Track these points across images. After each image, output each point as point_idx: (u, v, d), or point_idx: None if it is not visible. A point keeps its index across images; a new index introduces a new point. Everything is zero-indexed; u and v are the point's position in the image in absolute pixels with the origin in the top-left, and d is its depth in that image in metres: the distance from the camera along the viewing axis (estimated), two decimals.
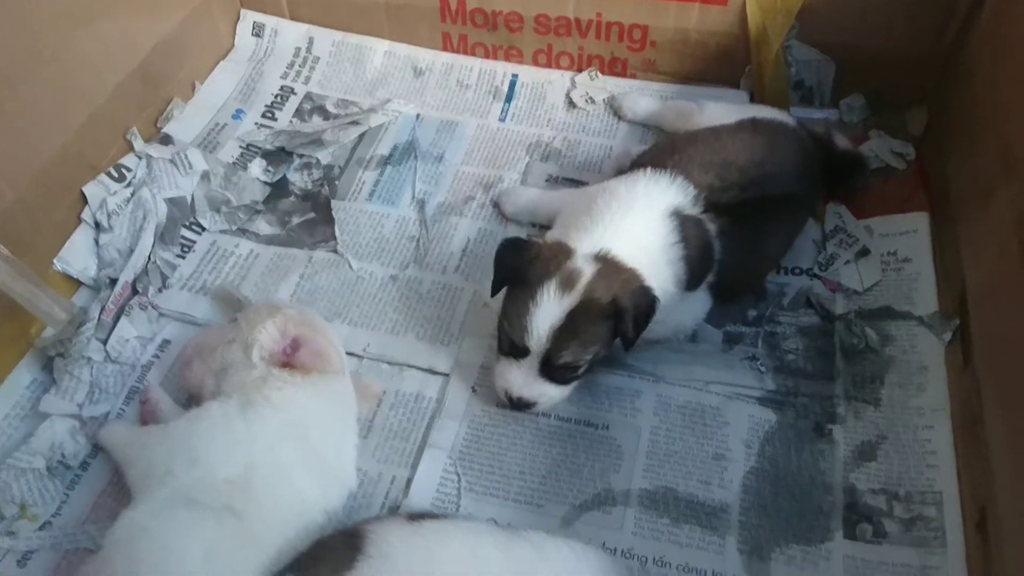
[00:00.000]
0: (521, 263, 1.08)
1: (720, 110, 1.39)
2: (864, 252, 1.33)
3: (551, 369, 1.08)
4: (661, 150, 1.29)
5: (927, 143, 1.44)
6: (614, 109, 1.58)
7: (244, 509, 0.93)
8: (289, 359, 1.05)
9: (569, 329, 1.05)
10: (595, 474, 1.11)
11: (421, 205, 1.42)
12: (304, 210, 1.42)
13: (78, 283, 1.27)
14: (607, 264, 1.08)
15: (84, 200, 1.29)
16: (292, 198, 1.44)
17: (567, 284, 1.05)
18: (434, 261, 1.35)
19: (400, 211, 1.42)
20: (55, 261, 1.24)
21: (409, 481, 1.11)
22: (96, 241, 1.28)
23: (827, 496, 1.09)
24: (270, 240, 1.38)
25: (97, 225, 1.29)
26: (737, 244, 1.18)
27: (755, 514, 1.07)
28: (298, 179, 1.47)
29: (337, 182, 1.46)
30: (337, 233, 1.38)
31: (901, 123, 1.49)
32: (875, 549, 1.04)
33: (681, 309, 1.18)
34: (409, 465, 1.12)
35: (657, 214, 1.14)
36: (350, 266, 1.34)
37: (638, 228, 1.12)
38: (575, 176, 1.46)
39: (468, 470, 1.12)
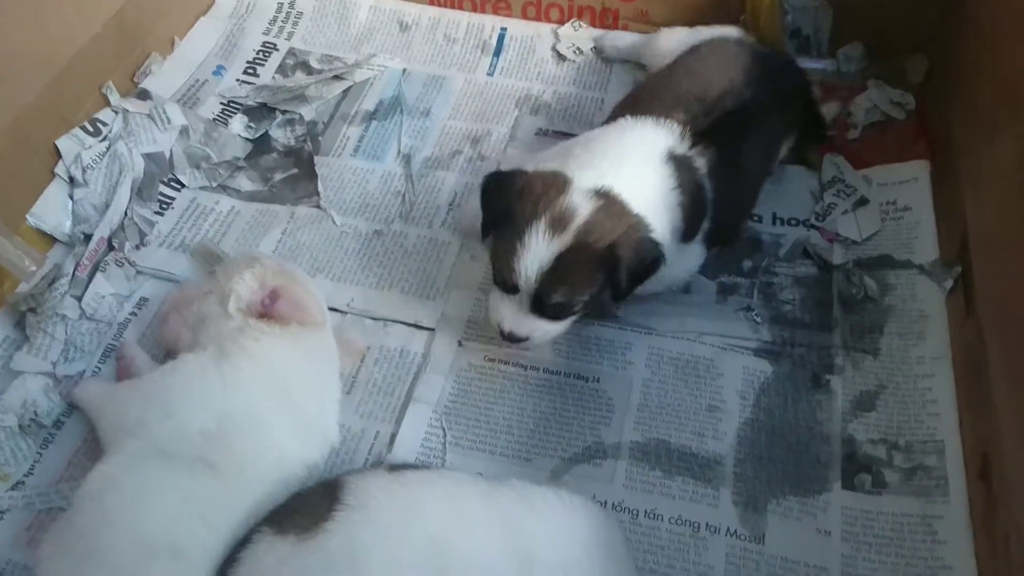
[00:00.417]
0: (509, 199, 1.01)
1: (674, 34, 1.37)
2: (863, 202, 1.29)
3: (543, 307, 1.02)
4: (635, 97, 1.25)
5: (928, 90, 1.40)
6: (599, 51, 1.54)
7: (218, 461, 0.90)
8: (267, 310, 1.02)
9: (559, 272, 0.98)
10: (585, 427, 1.08)
11: (407, 160, 1.38)
12: (287, 166, 1.38)
13: (52, 240, 1.23)
14: (609, 203, 1.00)
15: (58, 154, 1.25)
16: (274, 154, 1.40)
17: (559, 224, 0.98)
18: (420, 216, 1.31)
19: (385, 166, 1.38)
20: (28, 216, 1.20)
21: (393, 436, 1.07)
22: (70, 196, 1.25)
23: (825, 447, 1.06)
24: (251, 196, 1.34)
25: (71, 180, 1.25)
26: (724, 180, 1.13)
27: (750, 465, 1.04)
28: (280, 135, 1.42)
29: (321, 138, 1.42)
30: (320, 189, 1.34)
31: (900, 72, 1.44)
32: (874, 500, 1.01)
33: (676, 261, 1.12)
34: (393, 420, 1.09)
35: (656, 157, 1.08)
36: (334, 221, 1.30)
37: (641, 170, 1.06)
38: (565, 129, 1.42)
39: (454, 425, 1.09)
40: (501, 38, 1.57)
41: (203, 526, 0.86)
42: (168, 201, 1.32)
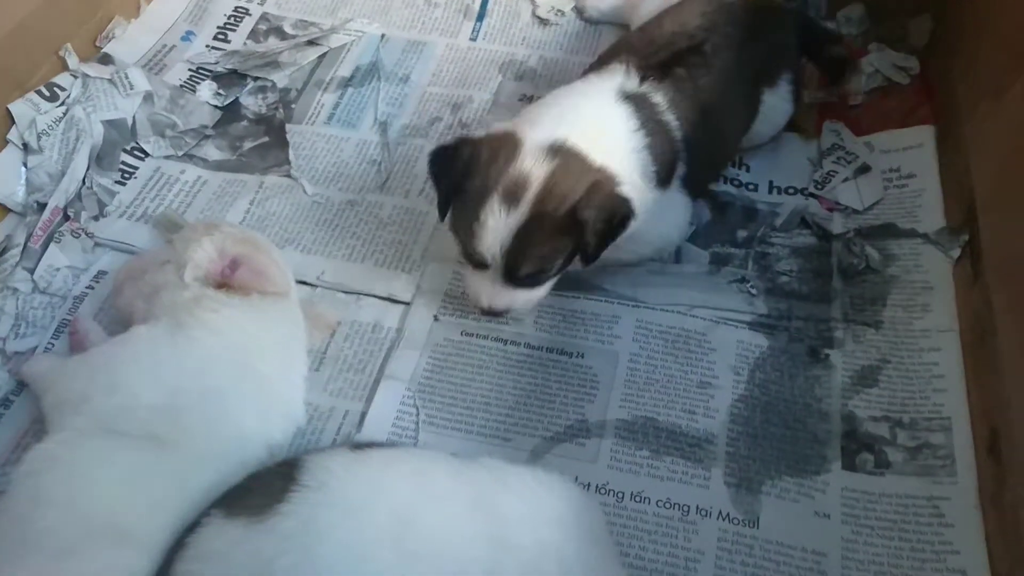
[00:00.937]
0: (458, 172, 0.94)
1: None
2: (864, 169, 1.23)
3: (516, 279, 0.96)
4: (608, 51, 1.18)
5: (932, 52, 1.33)
6: (579, 10, 1.48)
7: (169, 438, 0.83)
8: (227, 280, 0.95)
9: (522, 246, 0.92)
10: (568, 404, 1.01)
11: (384, 128, 1.31)
12: (257, 134, 1.31)
13: (5, 210, 1.16)
14: (566, 159, 0.93)
15: (11, 119, 1.18)
16: (244, 122, 1.33)
17: (512, 196, 0.90)
18: (396, 185, 1.24)
19: (361, 134, 1.31)
20: None
21: (363, 415, 1.01)
22: (24, 164, 1.18)
23: (823, 424, 0.99)
24: (219, 166, 1.27)
25: (25, 147, 1.18)
26: (690, 115, 1.06)
27: (744, 444, 0.97)
28: (251, 103, 1.35)
29: (294, 105, 1.35)
30: (292, 157, 1.27)
31: (902, 34, 1.37)
32: (877, 480, 0.94)
33: (660, 216, 1.05)
34: (364, 399, 1.02)
35: (609, 99, 1.01)
36: (305, 191, 1.23)
37: (596, 115, 0.99)
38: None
39: (428, 402, 1.02)
40: (484, 2, 1.50)
41: (150, 508, 0.79)
42: (130, 170, 1.25)
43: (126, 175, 1.24)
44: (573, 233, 0.92)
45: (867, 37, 1.39)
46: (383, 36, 1.45)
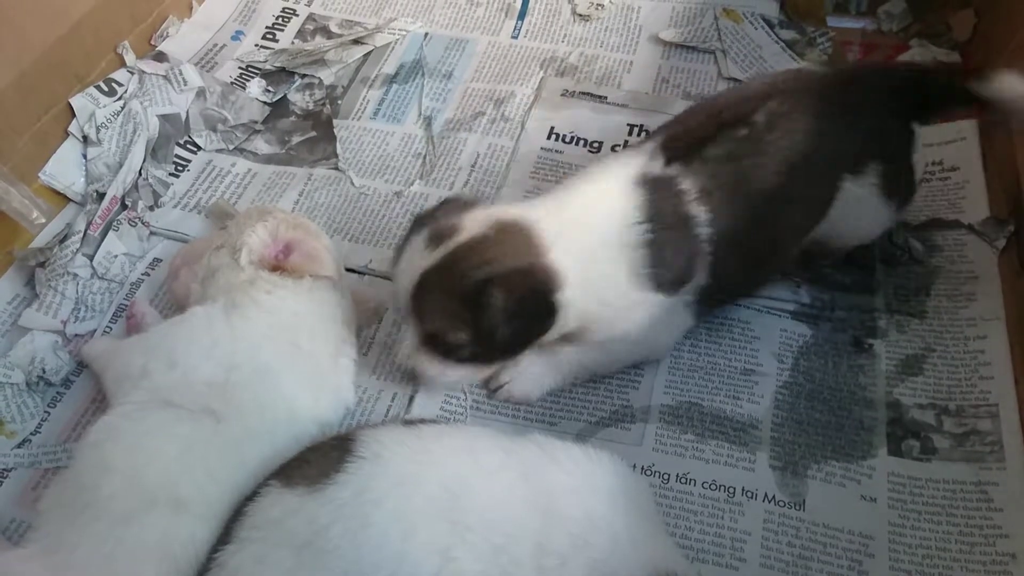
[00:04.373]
0: (425, 212, 0.93)
1: None
2: None
3: (425, 339, 0.88)
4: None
5: (974, 48, 1.33)
6: None
7: (224, 412, 0.85)
8: (280, 263, 0.98)
9: (425, 295, 0.85)
10: (612, 391, 1.02)
11: (428, 122, 1.34)
12: (305, 129, 1.34)
13: (65, 200, 1.20)
14: (504, 229, 0.84)
15: (72, 113, 1.22)
16: (292, 117, 1.36)
17: (436, 239, 0.85)
18: (441, 177, 1.26)
19: (405, 128, 1.34)
20: (40, 175, 1.18)
21: (411, 399, 1.03)
22: (84, 156, 1.22)
23: (868, 412, 0.99)
24: (268, 159, 1.30)
25: (85, 139, 1.22)
26: (729, 208, 0.88)
27: (789, 430, 0.98)
28: (299, 99, 1.39)
29: (340, 101, 1.38)
30: (339, 150, 1.30)
31: (944, 29, 1.37)
32: (923, 466, 0.94)
33: (654, 325, 0.92)
34: (412, 383, 1.04)
35: (616, 182, 0.89)
36: (352, 183, 1.26)
37: (586, 201, 0.88)
38: (592, 91, 1.37)
39: (475, 388, 1.03)
40: (525, 1, 1.52)
41: (207, 478, 0.82)
42: (184, 163, 1.29)
43: (179, 167, 1.28)
44: (475, 307, 0.83)
45: (908, 32, 1.40)
46: (426, 35, 1.48)
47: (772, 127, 0.90)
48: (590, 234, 0.87)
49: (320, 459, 0.80)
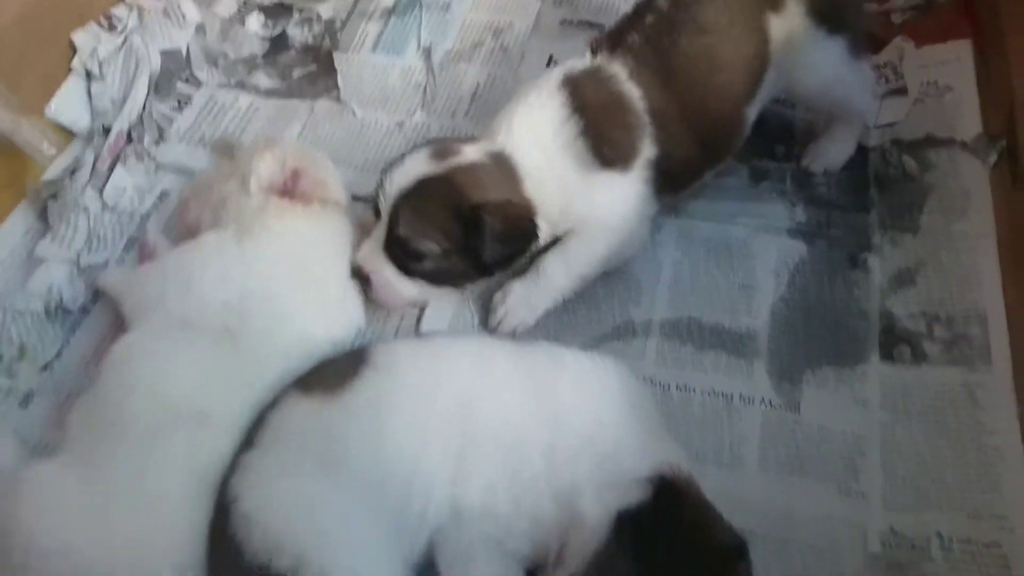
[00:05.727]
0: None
1: None
2: (899, 91, 1.24)
3: (392, 242, 0.95)
4: None
5: None
6: None
7: (241, 332, 0.89)
8: (289, 190, 1.00)
9: (412, 198, 0.92)
10: (614, 308, 1.06)
11: (427, 53, 1.35)
12: (305, 63, 1.36)
13: (71, 135, 1.22)
14: (500, 166, 0.93)
15: (74, 49, 1.23)
16: (292, 52, 1.37)
17: (440, 154, 0.93)
18: (442, 107, 1.28)
19: (406, 60, 1.35)
20: (46, 110, 1.19)
21: (419, 319, 1.06)
22: (88, 91, 1.23)
23: (862, 322, 1.03)
24: (270, 93, 1.32)
25: (88, 75, 1.23)
26: (659, 80, 0.96)
27: (785, 340, 1.01)
28: (298, 33, 1.40)
29: (339, 35, 1.39)
30: (340, 83, 1.31)
31: None
32: (914, 371, 0.98)
33: (610, 203, 0.98)
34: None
35: (547, 90, 0.96)
36: (354, 114, 1.27)
37: (529, 117, 0.96)
38: (591, 19, 1.37)
39: (482, 308, 1.06)
40: None
41: (227, 392, 0.85)
42: (186, 98, 1.30)
43: (182, 102, 1.30)
44: (466, 225, 0.91)
45: None
46: None
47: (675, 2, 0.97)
48: (545, 146, 0.95)
49: (336, 369, 0.84)
